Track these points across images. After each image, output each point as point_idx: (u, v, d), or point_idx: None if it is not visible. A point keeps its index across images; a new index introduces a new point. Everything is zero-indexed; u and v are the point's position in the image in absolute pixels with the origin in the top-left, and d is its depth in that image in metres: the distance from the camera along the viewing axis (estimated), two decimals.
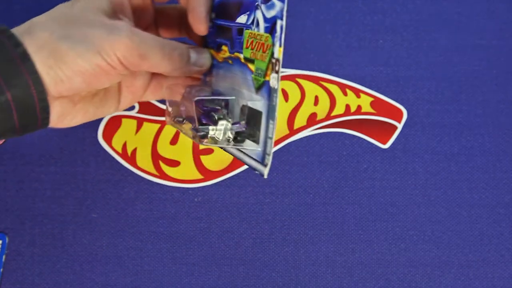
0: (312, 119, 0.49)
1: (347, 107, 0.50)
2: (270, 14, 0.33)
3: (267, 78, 0.33)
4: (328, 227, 0.47)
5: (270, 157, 0.34)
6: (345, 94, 0.50)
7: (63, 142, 0.48)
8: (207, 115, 0.36)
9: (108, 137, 0.48)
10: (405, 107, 0.50)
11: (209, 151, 0.49)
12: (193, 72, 0.38)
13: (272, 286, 0.46)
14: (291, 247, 0.47)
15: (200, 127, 0.35)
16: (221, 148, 0.37)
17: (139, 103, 0.49)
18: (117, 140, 0.48)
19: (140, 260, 0.46)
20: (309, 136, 0.49)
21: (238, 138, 0.36)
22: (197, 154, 0.48)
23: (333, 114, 0.50)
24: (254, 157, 0.35)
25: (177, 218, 0.47)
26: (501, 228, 0.48)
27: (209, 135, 0.35)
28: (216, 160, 0.48)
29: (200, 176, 0.48)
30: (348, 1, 0.51)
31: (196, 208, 0.48)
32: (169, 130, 0.49)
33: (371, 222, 0.48)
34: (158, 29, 0.41)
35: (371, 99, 0.50)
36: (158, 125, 0.49)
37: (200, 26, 0.37)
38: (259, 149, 0.35)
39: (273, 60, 0.32)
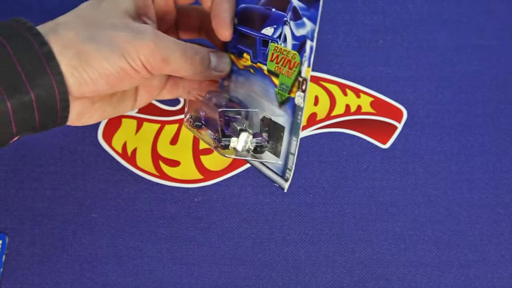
0: (312, 119, 0.49)
1: (347, 107, 0.50)
2: (299, 32, 0.32)
3: (292, 95, 0.33)
4: (328, 227, 0.47)
5: (292, 172, 0.34)
6: (345, 94, 0.50)
7: (63, 142, 0.48)
8: (228, 124, 0.36)
9: (108, 137, 0.48)
10: (405, 107, 0.50)
11: (209, 151, 0.49)
12: (213, 76, 0.38)
13: (272, 286, 0.46)
14: (291, 247, 0.47)
15: (223, 138, 0.35)
16: (241, 158, 0.37)
17: None
18: (117, 140, 0.48)
19: (140, 260, 0.47)
20: (309, 136, 0.49)
21: (258, 149, 0.36)
22: (197, 154, 0.49)
23: (333, 114, 0.50)
24: (274, 169, 0.35)
25: (177, 218, 0.47)
26: (501, 228, 0.48)
27: (230, 146, 0.35)
28: (216, 160, 0.48)
29: (200, 176, 0.48)
30: (348, 1, 0.51)
31: (196, 208, 0.48)
32: (169, 130, 0.49)
33: (371, 222, 0.48)
34: (178, 31, 0.41)
35: (371, 99, 0.50)
36: (158, 125, 0.49)
37: (225, 32, 0.36)
38: (280, 162, 0.35)
39: (300, 79, 0.32)
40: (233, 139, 0.35)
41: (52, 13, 0.34)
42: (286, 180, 0.34)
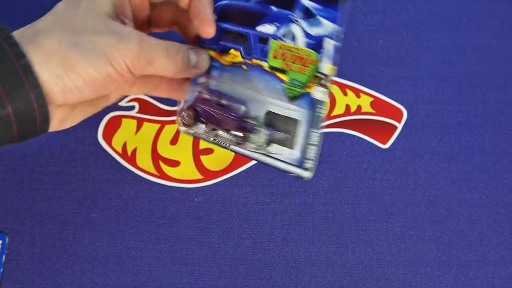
0: None
1: (347, 107, 0.50)
2: (314, 31, 0.34)
3: (308, 90, 0.35)
4: (328, 227, 0.47)
5: (316, 162, 0.36)
6: (345, 94, 0.50)
7: (63, 142, 0.48)
8: (243, 121, 0.37)
9: (108, 137, 0.48)
10: (405, 107, 0.50)
11: (209, 151, 0.49)
12: (192, 74, 0.38)
13: (272, 286, 0.46)
14: (291, 247, 0.47)
15: (240, 134, 0.37)
16: (246, 156, 0.38)
17: (140, 103, 0.49)
18: (117, 140, 0.48)
19: (140, 260, 0.47)
20: None
21: (269, 143, 0.37)
22: (197, 154, 0.49)
23: (333, 114, 0.49)
24: (289, 161, 0.37)
25: (177, 218, 0.47)
26: (501, 228, 0.48)
27: (245, 142, 0.37)
28: (216, 160, 0.48)
29: (200, 176, 0.48)
30: (348, 1, 0.51)
31: (196, 208, 0.48)
32: (169, 130, 0.49)
33: (371, 222, 0.48)
34: (150, 26, 0.41)
35: (371, 99, 0.50)
36: (158, 125, 0.49)
37: (208, 29, 0.36)
38: (296, 154, 0.36)
39: (321, 76, 0.34)
40: (250, 135, 0.37)
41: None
42: (308, 170, 0.36)
